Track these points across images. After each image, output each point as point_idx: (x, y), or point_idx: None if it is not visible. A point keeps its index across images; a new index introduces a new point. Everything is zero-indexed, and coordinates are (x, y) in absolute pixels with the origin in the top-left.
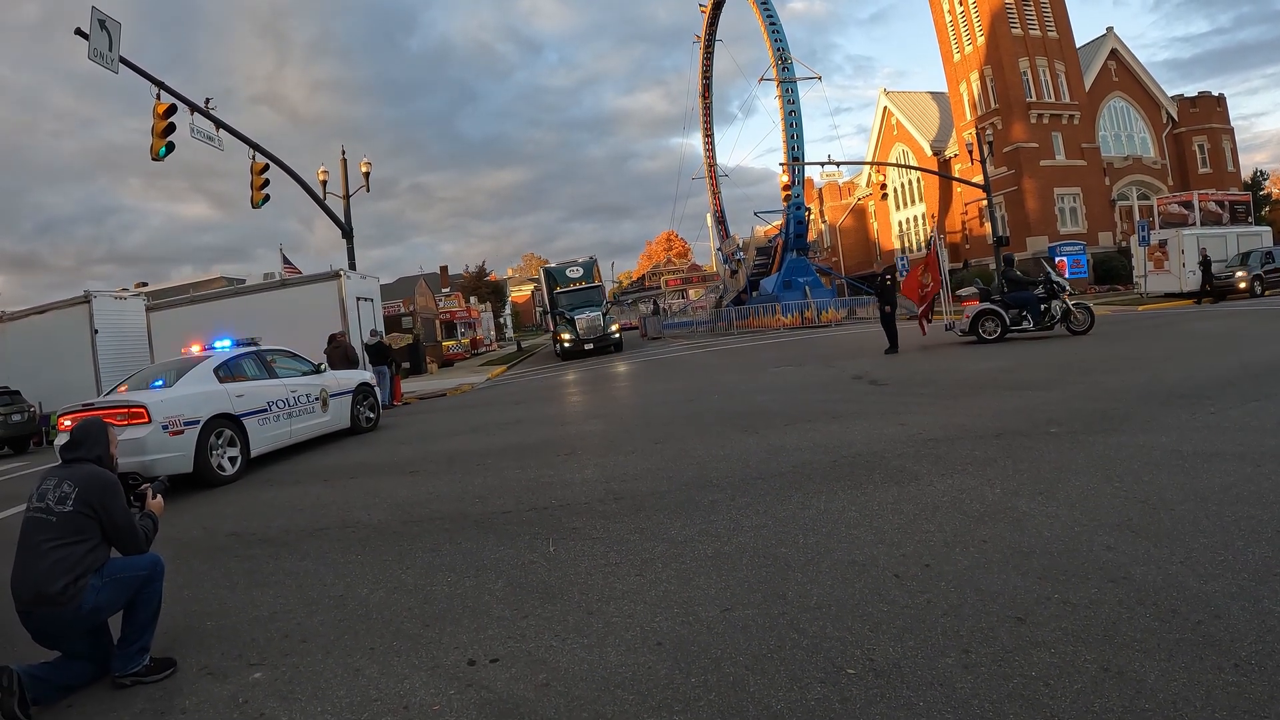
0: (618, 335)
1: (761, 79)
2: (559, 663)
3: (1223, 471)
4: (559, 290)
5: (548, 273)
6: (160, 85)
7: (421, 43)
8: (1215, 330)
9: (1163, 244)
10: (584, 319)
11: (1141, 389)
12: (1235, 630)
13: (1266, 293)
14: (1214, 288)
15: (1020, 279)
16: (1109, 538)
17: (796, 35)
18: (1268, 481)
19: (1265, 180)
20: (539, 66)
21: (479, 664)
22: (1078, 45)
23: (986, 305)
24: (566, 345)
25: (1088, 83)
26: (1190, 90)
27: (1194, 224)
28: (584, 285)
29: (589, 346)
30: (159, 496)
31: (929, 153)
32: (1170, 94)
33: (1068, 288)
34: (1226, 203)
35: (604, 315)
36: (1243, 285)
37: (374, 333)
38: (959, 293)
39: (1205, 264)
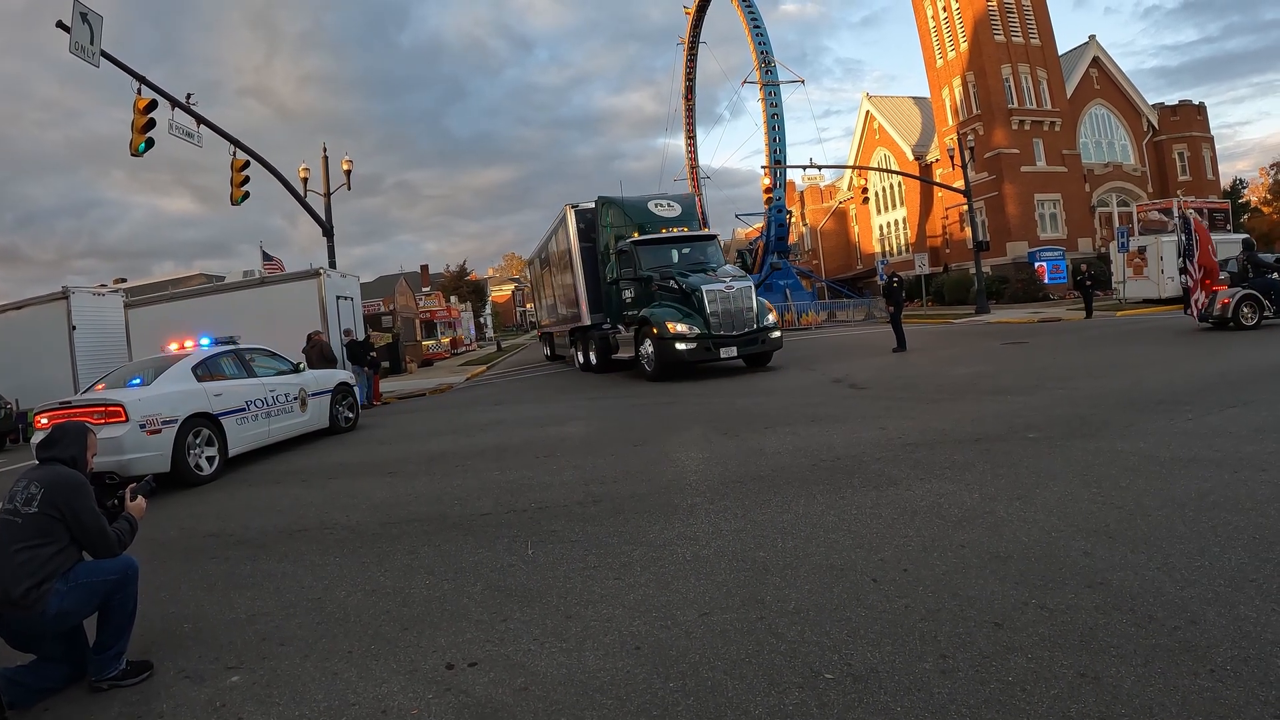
0: (778, 333)
1: (745, 82)
2: (537, 667)
3: (1200, 478)
4: (637, 240)
5: (608, 206)
6: (141, 80)
7: (413, 37)
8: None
9: (1142, 250)
10: (718, 293)
11: (1122, 395)
12: (1211, 636)
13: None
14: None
15: (1266, 263)
16: (1086, 543)
17: (787, 38)
18: (1244, 488)
19: (1244, 188)
20: (530, 64)
21: (457, 667)
22: (1060, 53)
23: (1246, 290)
24: (679, 349)
25: (1069, 90)
26: (1178, 98)
27: (1173, 231)
28: (687, 234)
29: (729, 353)
30: (140, 498)
31: (911, 157)
32: (1159, 101)
33: None
34: (1205, 210)
35: (750, 288)
36: None
37: (346, 332)
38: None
39: (1083, 281)
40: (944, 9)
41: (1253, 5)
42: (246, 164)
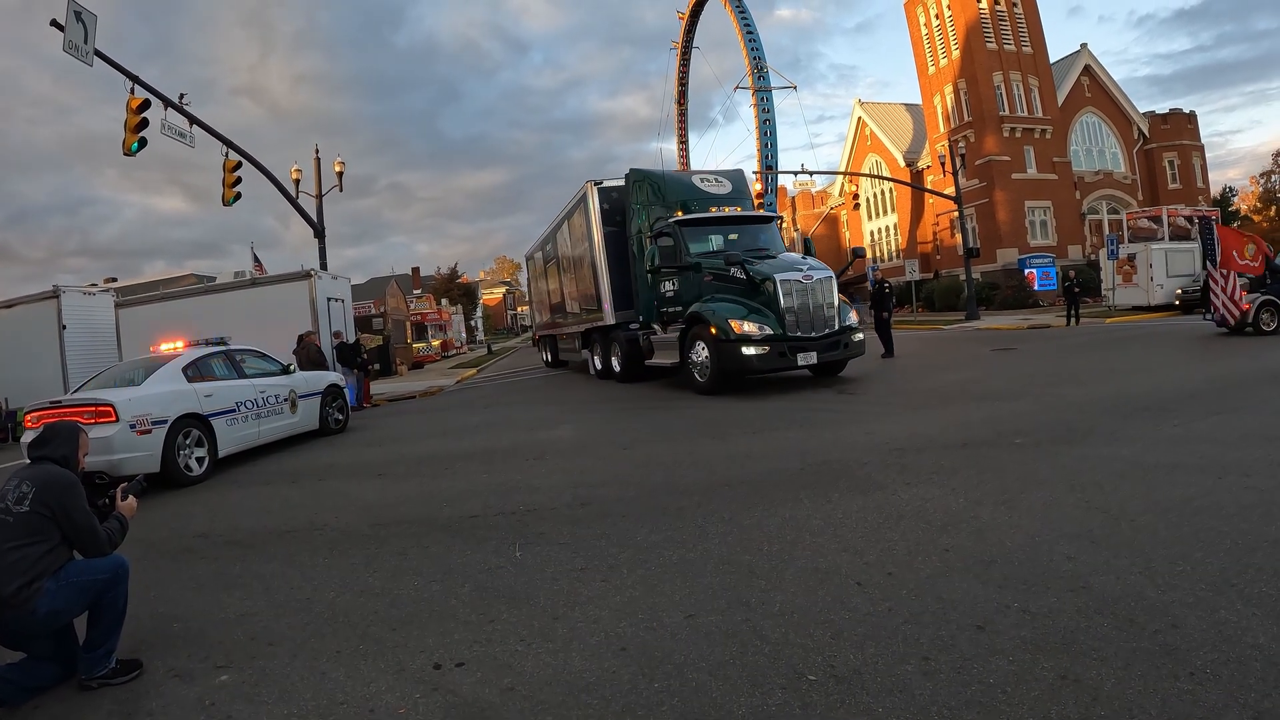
0: (861, 335)
1: (737, 87)
2: (524, 667)
3: (1184, 483)
4: (682, 220)
5: (643, 182)
6: (134, 79)
7: (408, 38)
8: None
9: (1131, 258)
10: (795, 284)
11: (1109, 401)
12: (1192, 639)
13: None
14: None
15: None
16: (1069, 548)
17: (781, 43)
18: (1228, 494)
19: (1234, 197)
20: (524, 67)
21: (445, 668)
22: (1052, 61)
23: (1268, 296)
24: (746, 354)
25: (1061, 98)
26: (1170, 106)
27: (1163, 239)
28: (742, 214)
29: (807, 359)
30: (131, 498)
31: (902, 164)
32: (1151, 109)
33: None
34: (1195, 218)
35: (831, 279)
36: None
37: (336, 334)
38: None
39: (1070, 288)
40: (936, 16)
41: (1246, 14)
42: (239, 164)
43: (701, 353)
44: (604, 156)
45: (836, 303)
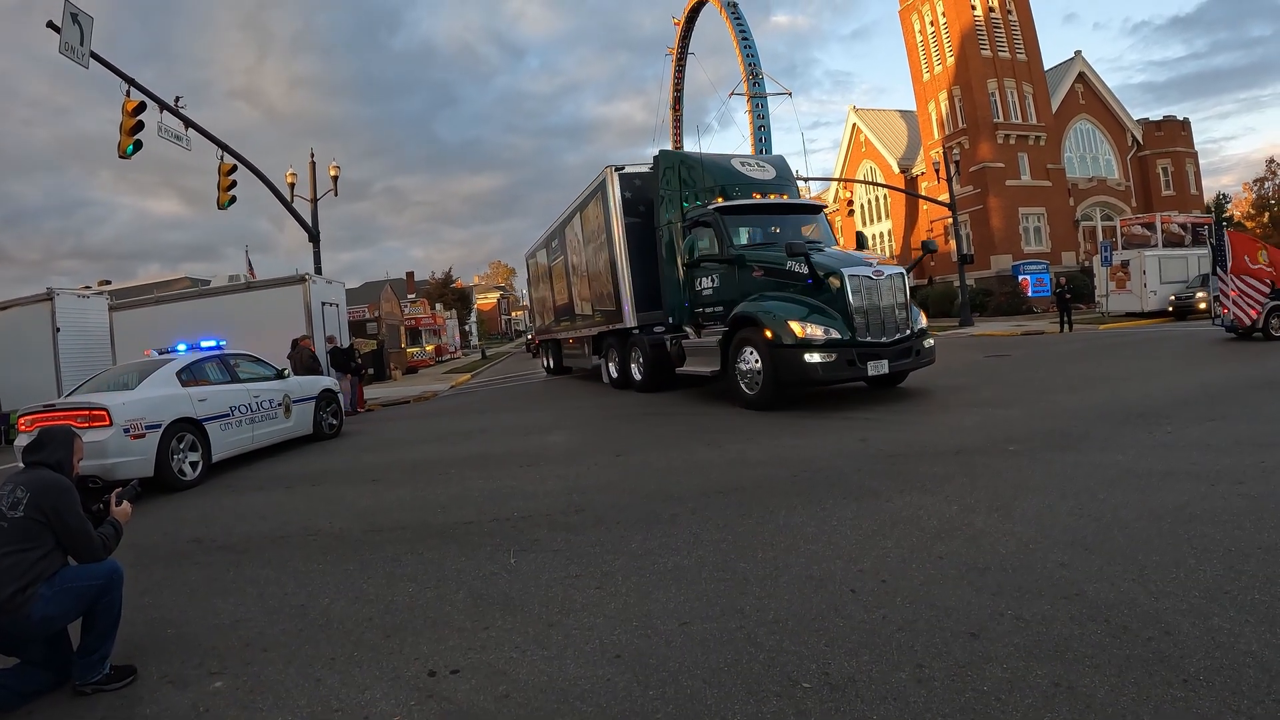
0: (931, 341)
1: (732, 94)
2: (519, 674)
3: (1177, 490)
4: (723, 207)
5: (676, 165)
6: (130, 82)
7: (405, 42)
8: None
9: (1125, 264)
10: (865, 280)
11: (1102, 408)
12: (1185, 646)
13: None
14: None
15: None
16: (1063, 555)
17: (778, 49)
18: (1221, 501)
19: (1228, 203)
20: (521, 71)
21: (439, 675)
22: (1046, 68)
23: (1276, 301)
24: (810, 362)
25: (1055, 105)
26: (1165, 113)
27: (1156, 245)
28: (788, 201)
29: (878, 369)
30: (125, 503)
31: (896, 170)
32: (1145, 116)
33: None
34: (1189, 225)
35: (903, 275)
36: (1203, 306)
37: (329, 339)
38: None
39: (1062, 294)
40: (931, 23)
41: (1240, 22)
42: (234, 168)
43: (751, 360)
44: (599, 162)
45: (909, 302)
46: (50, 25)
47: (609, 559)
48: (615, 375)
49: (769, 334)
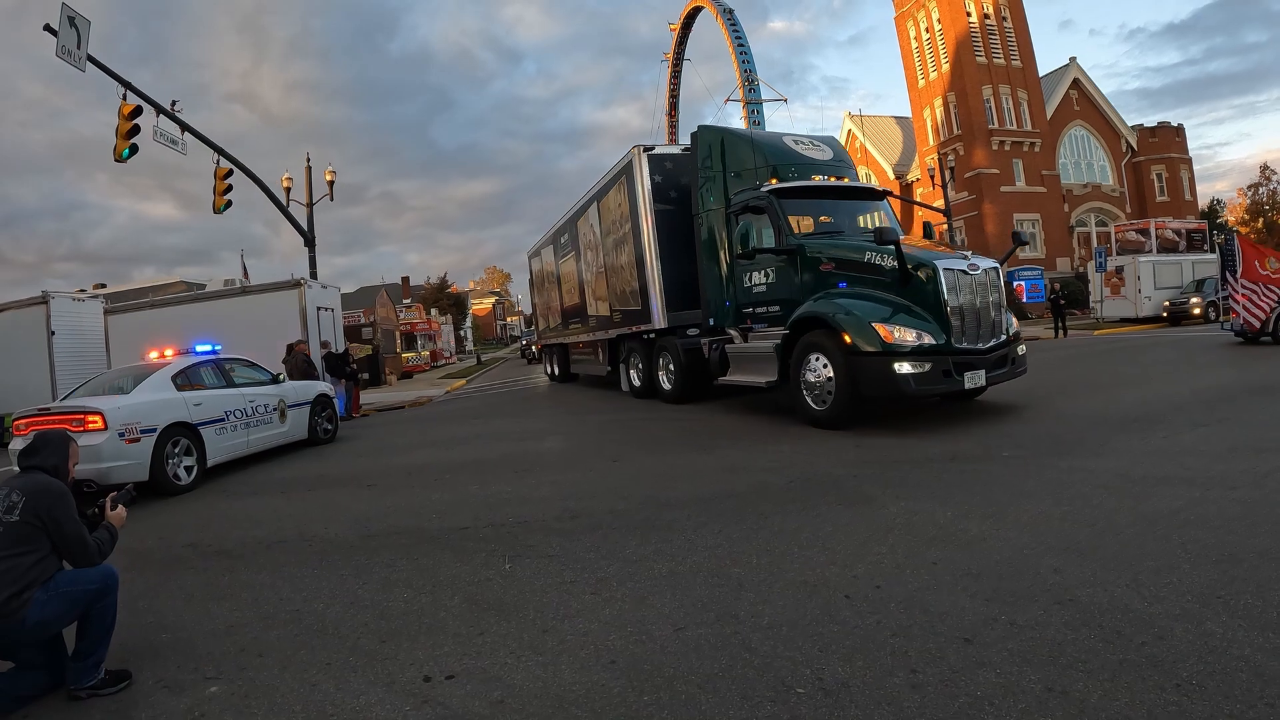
0: (1024, 348)
1: (728, 100)
2: (514, 680)
3: (1171, 496)
4: (778, 189)
5: (722, 141)
6: (127, 85)
7: (402, 46)
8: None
9: (1119, 270)
10: (960, 276)
11: (1097, 413)
12: (1178, 651)
13: (1221, 318)
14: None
15: None
16: (1057, 560)
17: (774, 55)
18: (1214, 506)
19: (1222, 209)
20: (518, 76)
21: (434, 680)
22: (1041, 74)
23: None
24: (901, 373)
25: (1049, 111)
26: (1160, 119)
27: (1150, 251)
28: (849, 184)
29: (974, 382)
30: (120, 507)
31: (891, 176)
32: (1140, 122)
33: None
34: (1183, 230)
35: (998, 269)
36: (1197, 311)
37: (324, 344)
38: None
39: (1056, 300)
40: (927, 30)
41: (1235, 28)
42: (230, 172)
43: (821, 369)
44: (595, 167)
45: (1004, 302)
46: (47, 28)
47: (604, 564)
48: (638, 384)
49: (847, 339)
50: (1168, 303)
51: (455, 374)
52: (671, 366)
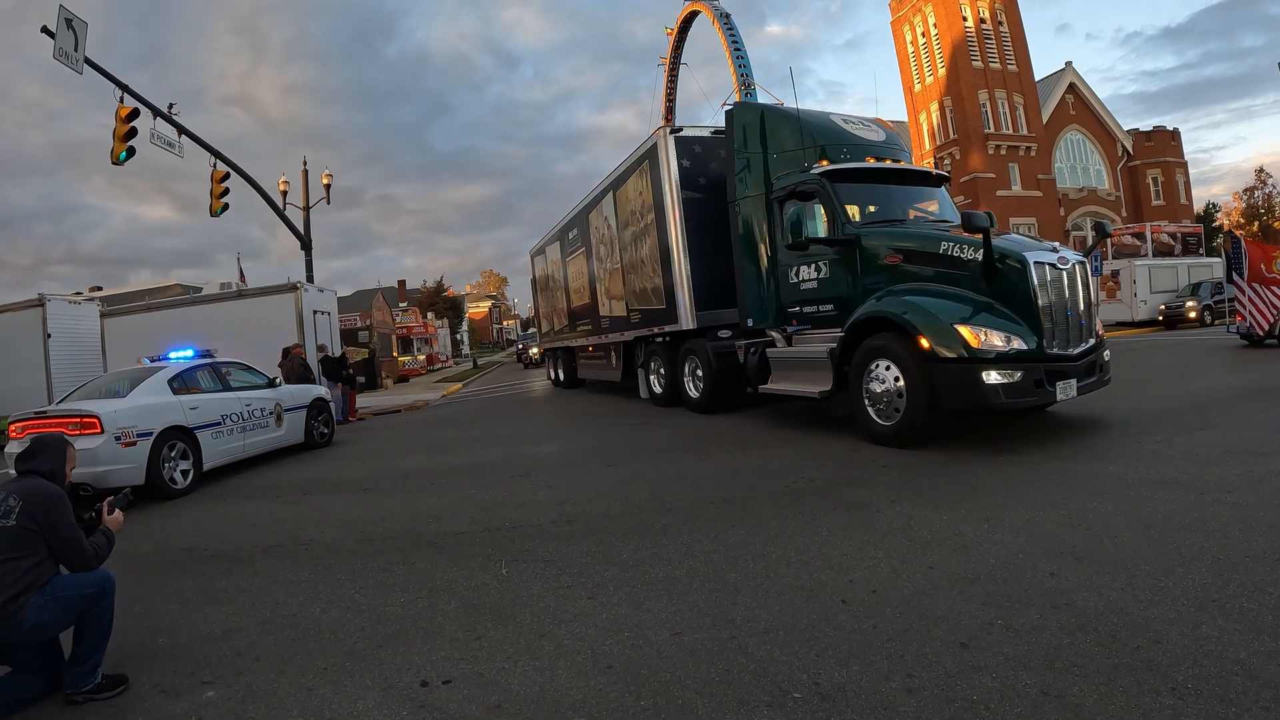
0: (1109, 353)
1: (724, 104)
2: (511, 684)
3: (1167, 499)
4: (831, 171)
5: (764, 120)
6: (124, 88)
7: (399, 50)
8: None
9: (1115, 274)
10: (1050, 270)
11: (1092, 417)
12: (1173, 655)
13: (1215, 322)
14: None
15: None
16: (1052, 564)
17: (771, 59)
18: (1210, 510)
19: (1218, 212)
20: (515, 80)
21: (431, 685)
22: (1037, 78)
23: None
24: (989, 383)
25: (1045, 115)
26: (1155, 123)
27: (1146, 255)
28: (906, 167)
29: (1066, 393)
30: (117, 511)
31: None
32: (1136, 126)
33: None
34: (1179, 234)
35: (1085, 264)
36: (1192, 315)
37: (320, 348)
38: None
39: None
40: (923, 34)
41: (1231, 32)
42: (227, 175)
43: (889, 378)
44: (592, 171)
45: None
46: (45, 30)
47: (601, 569)
48: (659, 390)
49: (924, 343)
50: (1163, 306)
51: (452, 378)
52: (700, 372)
